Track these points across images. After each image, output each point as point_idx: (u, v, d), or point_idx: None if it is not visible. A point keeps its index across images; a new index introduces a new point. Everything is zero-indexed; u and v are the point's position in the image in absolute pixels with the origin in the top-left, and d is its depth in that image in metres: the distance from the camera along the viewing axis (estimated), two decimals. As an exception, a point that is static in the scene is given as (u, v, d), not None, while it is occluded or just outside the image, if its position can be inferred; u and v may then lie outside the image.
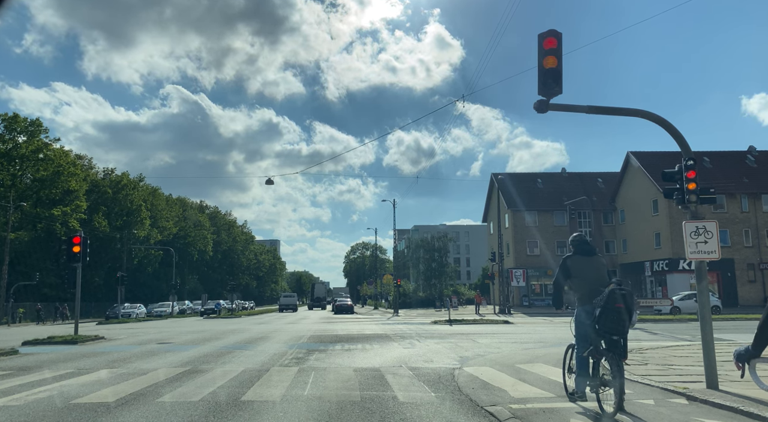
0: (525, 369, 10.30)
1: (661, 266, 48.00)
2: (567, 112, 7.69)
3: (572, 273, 6.76)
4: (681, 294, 36.16)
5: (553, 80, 7.13)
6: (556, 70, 7.11)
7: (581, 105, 7.51)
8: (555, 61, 7.12)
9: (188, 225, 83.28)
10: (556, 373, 9.80)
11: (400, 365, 11.31)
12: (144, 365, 11.80)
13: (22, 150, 50.91)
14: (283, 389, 8.34)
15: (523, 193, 58.07)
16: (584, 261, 6.79)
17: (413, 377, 9.58)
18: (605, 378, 6.23)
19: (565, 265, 6.84)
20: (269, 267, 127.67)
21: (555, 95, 7.30)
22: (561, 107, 7.57)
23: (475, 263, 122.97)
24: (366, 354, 13.56)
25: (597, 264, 6.78)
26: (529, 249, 57.15)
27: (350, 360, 12.25)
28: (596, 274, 6.67)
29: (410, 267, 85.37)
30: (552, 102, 7.43)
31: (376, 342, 17.33)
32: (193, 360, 12.55)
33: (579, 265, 6.77)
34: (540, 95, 7.27)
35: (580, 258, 6.83)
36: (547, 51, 7.10)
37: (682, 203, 8.06)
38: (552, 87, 7.15)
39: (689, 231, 7.95)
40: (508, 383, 8.79)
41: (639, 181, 51.48)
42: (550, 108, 7.39)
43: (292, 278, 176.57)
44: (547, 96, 7.29)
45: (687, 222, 8.02)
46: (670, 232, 47.66)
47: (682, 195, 8.09)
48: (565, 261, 6.90)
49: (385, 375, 9.75)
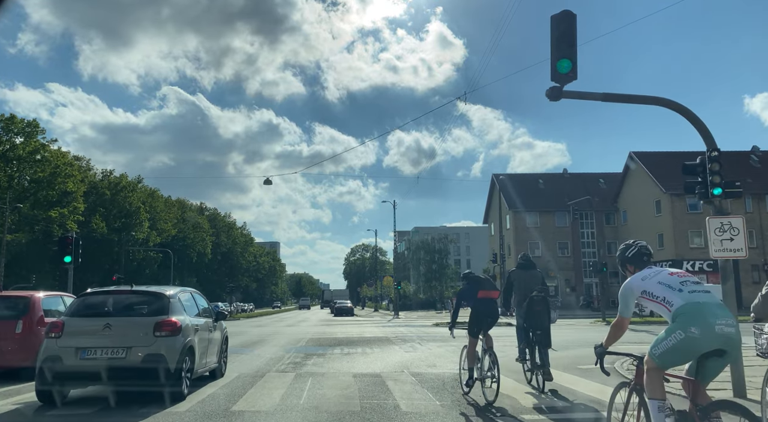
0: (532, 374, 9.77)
1: (664, 267, 47.44)
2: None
3: (513, 284, 8.63)
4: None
5: (567, 64, 6.60)
6: (570, 52, 6.58)
7: (596, 92, 6.99)
8: (569, 43, 6.60)
9: (187, 226, 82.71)
10: (566, 379, 9.29)
11: (402, 370, 10.78)
12: None
13: (19, 151, 50.45)
14: (278, 397, 7.81)
15: (524, 193, 57.50)
16: (523, 274, 8.55)
17: (416, 383, 9.06)
18: (536, 363, 8.11)
19: (510, 277, 8.86)
20: (269, 269, 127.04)
21: (569, 81, 6.77)
22: (575, 94, 7.05)
23: (475, 265, 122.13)
24: (366, 359, 13.03)
25: (533, 276, 8.48)
26: (530, 251, 56.54)
27: (350, 365, 11.72)
28: (530, 284, 8.28)
29: (411, 268, 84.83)
30: (565, 89, 6.91)
31: (377, 345, 16.81)
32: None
33: (519, 277, 8.59)
34: (553, 81, 6.76)
35: (520, 271, 8.65)
36: (560, 32, 6.59)
37: (705, 198, 7.55)
38: (566, 72, 6.62)
39: (713, 227, 7.44)
40: (518, 390, 8.28)
41: (641, 181, 50.97)
42: (563, 96, 6.87)
43: (292, 280, 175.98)
44: (561, 82, 6.77)
45: (711, 219, 7.52)
46: (674, 233, 47.17)
47: (705, 189, 7.58)
48: (510, 274, 8.95)
49: (386, 382, 9.22)
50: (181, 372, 7.67)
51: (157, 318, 7.79)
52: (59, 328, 7.65)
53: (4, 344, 9.75)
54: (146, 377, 7.36)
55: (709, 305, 3.74)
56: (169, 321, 7.80)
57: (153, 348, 7.48)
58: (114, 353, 7.43)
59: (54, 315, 10.32)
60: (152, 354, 7.44)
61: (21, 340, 9.86)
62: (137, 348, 7.47)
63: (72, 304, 8.50)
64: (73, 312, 8.10)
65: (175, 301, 8.36)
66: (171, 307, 8.12)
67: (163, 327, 7.67)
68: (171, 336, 7.68)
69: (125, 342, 7.49)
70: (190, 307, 8.98)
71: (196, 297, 9.67)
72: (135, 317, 7.96)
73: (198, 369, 8.51)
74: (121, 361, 7.37)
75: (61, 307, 10.89)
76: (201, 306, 9.62)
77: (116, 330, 7.58)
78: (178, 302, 8.46)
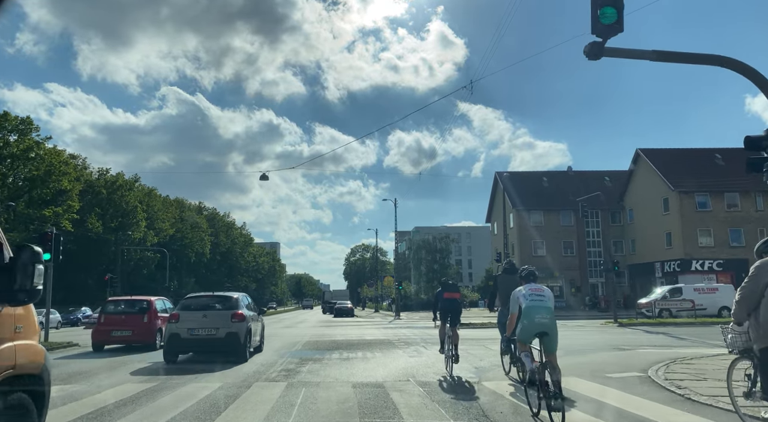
0: (557, 385, 8.59)
1: (672, 267, 46.17)
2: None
3: (498, 286, 9.93)
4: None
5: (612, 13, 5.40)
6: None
7: (646, 50, 5.80)
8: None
9: (185, 226, 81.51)
10: (596, 390, 8.10)
11: (407, 379, 9.60)
12: (101, 380, 10.04)
13: (12, 149, 49.36)
14: (262, 416, 6.63)
15: (528, 192, 56.19)
16: (507, 278, 9.70)
17: (424, 395, 7.89)
18: (517, 356, 8.56)
19: (496, 281, 10.40)
20: (268, 269, 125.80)
21: (613, 34, 5.56)
22: (620, 52, 5.86)
23: (476, 265, 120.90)
24: (367, 365, 11.85)
25: (516, 280, 8.93)
26: (534, 250, 55.20)
27: (348, 372, 10.55)
28: (512, 287, 8.67)
29: (411, 269, 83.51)
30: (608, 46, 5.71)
31: (378, 349, 15.62)
32: (160, 373, 10.87)
33: (503, 280, 9.85)
34: (594, 34, 5.54)
35: (505, 275, 9.96)
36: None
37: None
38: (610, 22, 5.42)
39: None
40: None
41: (649, 178, 49.70)
42: (605, 54, 5.69)
43: (292, 281, 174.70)
44: (603, 36, 5.57)
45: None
46: (682, 232, 45.93)
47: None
48: (496, 278, 10.66)
49: (390, 394, 8.05)
50: (246, 344, 12.71)
51: (232, 311, 12.91)
52: (176, 317, 12.92)
53: (138, 328, 16.08)
54: (227, 346, 12.39)
55: (536, 307, 6.31)
56: (239, 313, 12.91)
57: (231, 329, 12.49)
58: (209, 332, 12.52)
59: (161, 310, 17.01)
60: (231, 332, 12.47)
61: (147, 326, 16.22)
62: (222, 328, 12.51)
63: (181, 303, 14.00)
64: (183, 307, 13.47)
65: (240, 300, 13.67)
66: (238, 304, 13.36)
67: (235, 316, 12.75)
68: (240, 322, 12.72)
69: (215, 325, 12.54)
70: (246, 304, 14.03)
71: (247, 298, 14.82)
72: (219, 310, 12.94)
73: (252, 344, 13.49)
74: (213, 336, 12.46)
75: (165, 305, 17.79)
76: (250, 304, 14.73)
77: (209, 318, 12.67)
78: (241, 301, 13.69)
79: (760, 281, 5.18)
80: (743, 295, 5.34)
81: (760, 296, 5.16)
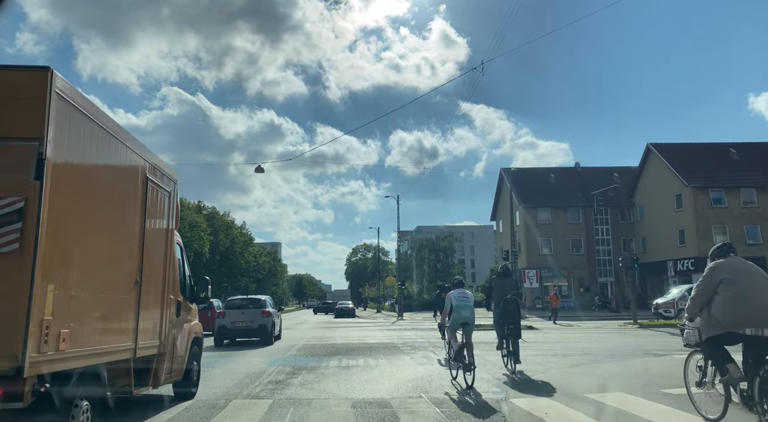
0: (604, 404, 6.91)
1: (686, 265, 44.37)
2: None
3: (494, 288, 10.84)
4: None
5: None
6: None
7: None
8: None
9: (184, 225, 79.99)
10: (651, 410, 6.42)
11: (419, 395, 7.95)
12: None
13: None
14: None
15: (534, 189, 54.35)
16: (501, 281, 10.71)
17: (442, 418, 6.24)
18: (510, 350, 10.03)
19: (491, 283, 11.24)
20: (269, 269, 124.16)
21: None
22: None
23: (480, 265, 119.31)
24: (370, 375, 10.19)
25: (509, 283, 10.61)
26: (541, 249, 53.39)
27: (348, 386, 8.89)
28: (506, 289, 10.36)
29: (414, 268, 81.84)
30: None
31: (382, 354, 13.96)
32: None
33: (498, 283, 10.74)
34: None
35: (500, 279, 10.87)
36: None
37: None
38: None
39: None
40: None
41: (661, 174, 47.90)
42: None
43: (293, 281, 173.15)
44: None
45: None
46: (696, 229, 44.12)
47: None
48: (491, 280, 11.46)
49: (399, 416, 6.41)
50: (273, 333, 18.46)
51: (262, 309, 18.35)
52: (223, 314, 18.25)
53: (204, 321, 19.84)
54: (259, 334, 17.89)
55: (462, 306, 8.90)
56: (267, 310, 18.37)
57: (262, 322, 17.89)
58: (246, 324, 17.82)
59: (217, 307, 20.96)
60: (262, 324, 17.86)
61: (209, 319, 18.47)
62: (256, 321, 17.90)
63: (227, 303, 19.54)
64: (227, 306, 18.85)
65: (267, 301, 19.20)
66: (266, 304, 18.81)
67: (264, 313, 18.20)
68: (268, 317, 18.17)
69: (251, 319, 17.87)
70: (270, 304, 19.48)
71: (271, 299, 20.48)
72: (253, 309, 18.29)
73: (276, 333, 19.08)
74: (249, 327, 17.83)
75: (218, 304, 22.26)
76: (274, 303, 20.67)
77: (247, 314, 18.00)
78: (267, 302, 19.23)
79: (713, 280, 5.61)
80: (697, 293, 5.77)
81: (712, 293, 5.60)
